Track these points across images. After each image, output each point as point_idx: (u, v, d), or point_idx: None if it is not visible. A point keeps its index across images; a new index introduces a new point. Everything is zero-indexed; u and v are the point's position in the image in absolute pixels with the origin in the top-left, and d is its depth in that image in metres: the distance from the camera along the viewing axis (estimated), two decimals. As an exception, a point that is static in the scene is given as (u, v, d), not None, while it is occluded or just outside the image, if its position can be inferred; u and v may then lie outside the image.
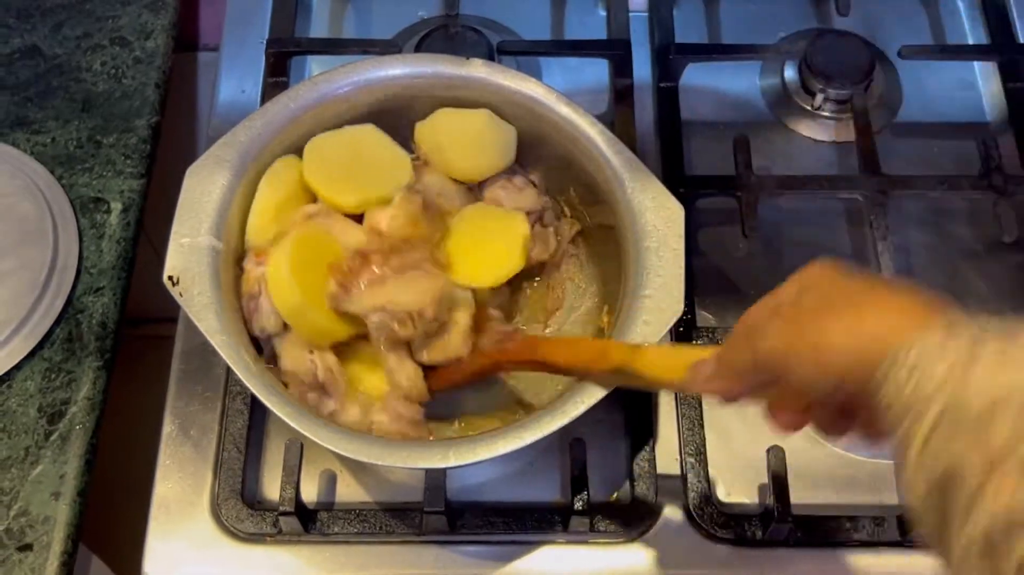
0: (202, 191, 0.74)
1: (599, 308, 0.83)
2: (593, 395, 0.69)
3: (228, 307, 0.72)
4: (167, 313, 1.28)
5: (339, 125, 0.81)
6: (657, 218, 0.75)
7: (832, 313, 0.54)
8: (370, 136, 0.79)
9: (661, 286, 0.73)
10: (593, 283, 0.85)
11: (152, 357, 0.98)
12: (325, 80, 0.80)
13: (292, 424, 0.68)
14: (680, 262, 0.74)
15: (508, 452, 0.68)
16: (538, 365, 0.75)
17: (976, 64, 1.04)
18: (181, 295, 0.71)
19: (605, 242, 0.82)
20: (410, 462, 0.69)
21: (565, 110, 0.79)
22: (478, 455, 0.68)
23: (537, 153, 0.83)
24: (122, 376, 0.91)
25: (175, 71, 1.05)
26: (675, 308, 0.72)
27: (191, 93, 1.25)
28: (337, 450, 0.68)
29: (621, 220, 0.77)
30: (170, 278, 0.71)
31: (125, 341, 0.93)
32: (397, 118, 0.83)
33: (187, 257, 0.72)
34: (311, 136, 0.80)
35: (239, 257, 0.77)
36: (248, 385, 0.69)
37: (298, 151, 0.80)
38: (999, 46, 1.02)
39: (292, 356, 0.75)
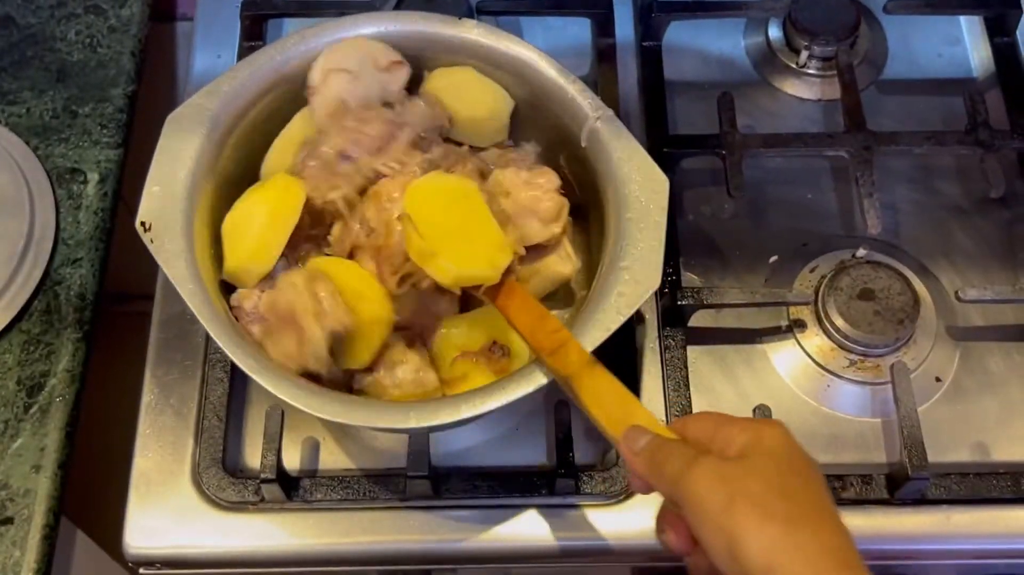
0: (181, 139, 0.73)
1: (585, 279, 0.81)
2: None
3: (200, 257, 0.70)
4: (152, 290, 1.27)
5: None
6: (641, 189, 0.73)
7: (760, 523, 0.53)
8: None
9: (639, 258, 0.71)
10: (578, 253, 0.83)
11: (137, 333, 0.97)
12: (313, 34, 0.78)
13: (256, 377, 0.67)
14: (661, 235, 0.72)
15: (470, 417, 0.66)
16: (499, 307, 0.72)
17: (962, 19, 1.03)
18: (152, 242, 0.69)
19: (592, 212, 0.80)
20: (370, 421, 0.69)
21: (553, 74, 0.78)
22: (440, 418, 0.66)
23: (527, 118, 0.82)
24: (107, 352, 0.90)
25: (153, 42, 1.03)
26: (652, 281, 0.70)
27: (169, 64, 1.23)
28: (300, 406, 0.66)
29: (605, 189, 0.76)
30: (142, 224, 0.70)
31: (110, 317, 0.92)
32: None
33: (161, 204, 0.71)
34: (295, 91, 0.79)
35: (217, 208, 0.76)
36: (212, 333, 0.67)
37: (282, 105, 0.79)
38: (985, 0, 1.01)
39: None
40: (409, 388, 0.73)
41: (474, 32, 0.78)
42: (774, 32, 1.00)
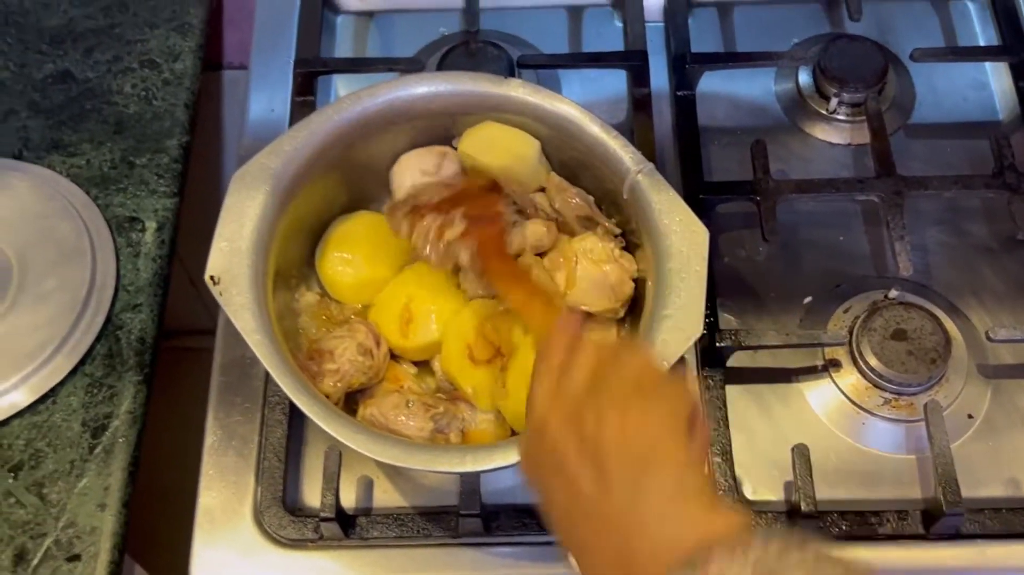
0: (246, 196, 0.77)
1: (630, 325, 0.84)
2: None
3: (265, 308, 0.74)
4: (195, 325, 1.30)
5: (379, 140, 0.84)
6: (682, 240, 0.76)
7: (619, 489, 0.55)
8: None
9: (682, 307, 0.73)
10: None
11: (180, 368, 1.00)
12: (368, 95, 0.82)
13: (320, 423, 0.70)
14: (702, 284, 0.74)
15: None
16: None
17: (988, 64, 1.05)
18: (221, 295, 0.73)
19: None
20: (429, 465, 0.72)
21: (596, 130, 0.81)
22: (494, 462, 0.69)
23: (571, 170, 0.86)
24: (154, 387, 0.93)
25: (201, 90, 1.07)
26: (694, 329, 0.73)
27: (217, 111, 1.27)
28: (363, 451, 0.70)
29: (647, 240, 0.79)
30: (211, 277, 0.74)
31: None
32: (435, 134, 0.86)
33: (228, 259, 0.74)
34: (351, 149, 0.83)
35: (278, 261, 0.80)
36: (279, 382, 0.71)
37: (338, 162, 0.83)
38: (1010, 46, 1.03)
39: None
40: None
41: (519, 90, 0.82)
42: (804, 79, 1.03)
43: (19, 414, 0.85)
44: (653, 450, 0.56)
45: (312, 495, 0.82)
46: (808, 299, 0.92)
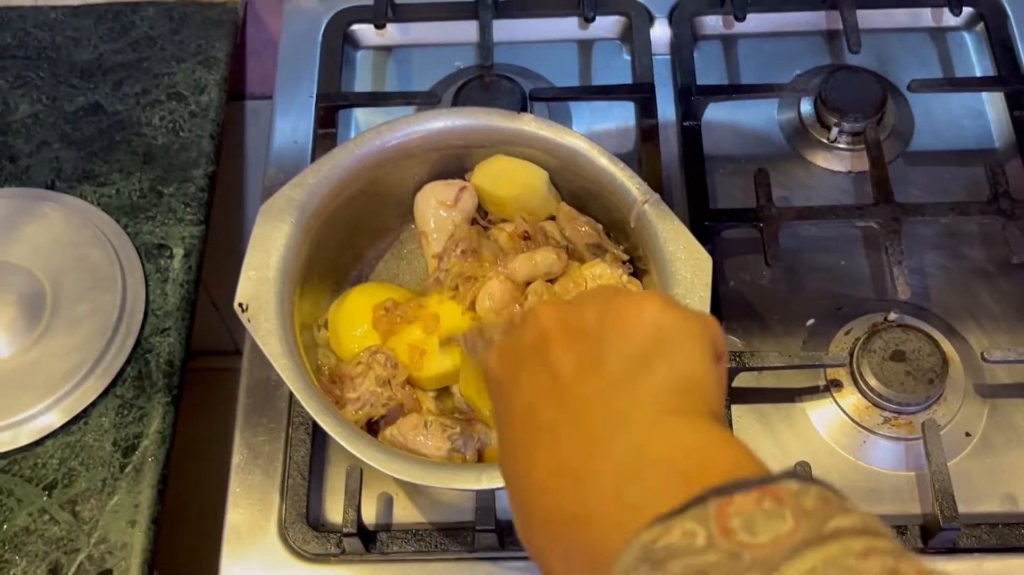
0: (273, 227, 0.80)
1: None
2: None
3: (290, 333, 0.77)
4: (217, 346, 1.34)
5: (397, 171, 0.88)
6: (686, 267, 0.79)
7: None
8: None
9: None
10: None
11: (200, 387, 1.03)
12: (388, 129, 0.85)
13: (344, 444, 0.73)
14: (706, 309, 0.77)
15: None
16: None
17: (984, 93, 1.08)
18: (249, 321, 0.76)
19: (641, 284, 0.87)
20: (446, 483, 0.74)
21: (604, 162, 0.84)
22: None
23: (580, 201, 0.89)
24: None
25: (225, 119, 1.10)
26: None
27: (240, 139, 1.31)
28: (384, 469, 0.73)
29: (653, 267, 0.82)
30: (240, 305, 0.77)
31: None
32: (451, 165, 0.90)
33: (256, 287, 0.78)
34: (371, 181, 0.86)
35: (301, 287, 0.83)
36: (305, 405, 0.74)
37: (359, 193, 0.87)
38: (1005, 77, 1.06)
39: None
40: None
41: (531, 125, 0.86)
42: (806, 109, 1.06)
43: (53, 434, 0.88)
44: (663, 348, 0.44)
45: (335, 512, 0.85)
46: (810, 321, 0.95)
